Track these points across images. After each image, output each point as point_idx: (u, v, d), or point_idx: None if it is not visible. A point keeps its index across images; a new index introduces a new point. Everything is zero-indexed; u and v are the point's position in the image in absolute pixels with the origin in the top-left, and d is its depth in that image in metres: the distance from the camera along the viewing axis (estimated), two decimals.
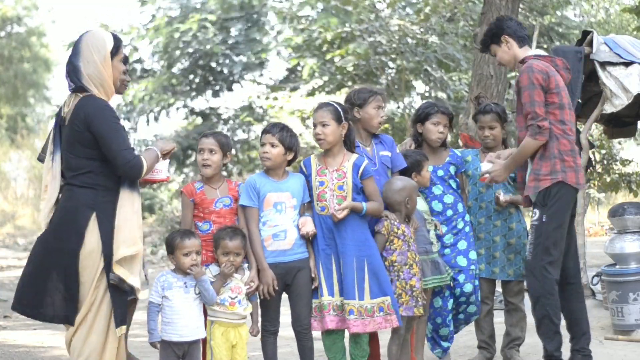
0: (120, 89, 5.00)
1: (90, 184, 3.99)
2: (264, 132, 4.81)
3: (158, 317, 4.36)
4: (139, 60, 22.05)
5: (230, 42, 21.14)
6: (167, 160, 4.46)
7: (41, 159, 4.69)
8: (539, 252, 4.79)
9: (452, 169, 5.42)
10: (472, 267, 5.32)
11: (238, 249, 4.52)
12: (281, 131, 4.78)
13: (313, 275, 4.76)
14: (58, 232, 3.98)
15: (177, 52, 20.46)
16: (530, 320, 5.70)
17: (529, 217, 5.12)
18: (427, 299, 5.22)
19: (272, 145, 4.75)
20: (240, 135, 22.20)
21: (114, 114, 4.04)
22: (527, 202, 5.00)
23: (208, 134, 4.83)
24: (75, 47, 4.08)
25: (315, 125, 4.85)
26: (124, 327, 4.06)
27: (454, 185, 5.41)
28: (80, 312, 3.97)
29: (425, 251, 5.13)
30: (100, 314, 3.98)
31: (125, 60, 4.37)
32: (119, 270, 3.97)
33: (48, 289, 3.98)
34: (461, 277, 5.28)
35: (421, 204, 5.20)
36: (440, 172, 5.38)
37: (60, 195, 4.09)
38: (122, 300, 4.05)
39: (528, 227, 5.50)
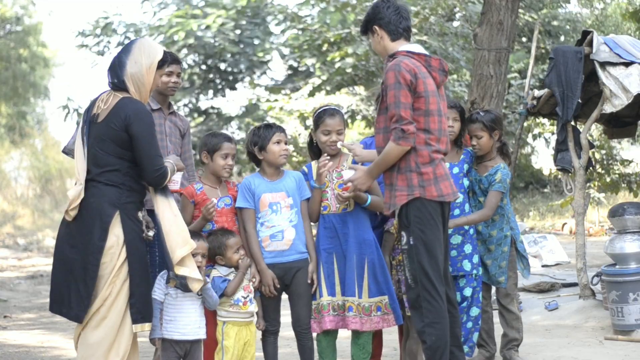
0: (167, 91, 5.30)
1: (116, 183, 4.07)
2: (278, 131, 4.80)
3: (160, 314, 4.37)
4: None
5: (237, 40, 21.21)
6: (180, 173, 4.56)
7: (66, 151, 4.86)
8: (418, 278, 4.29)
9: (465, 167, 5.35)
10: (474, 271, 5.32)
11: (238, 244, 4.61)
12: (278, 126, 4.86)
13: (309, 281, 4.77)
14: (83, 228, 4.05)
15: (188, 49, 20.52)
16: (528, 320, 5.72)
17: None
18: None
19: (286, 143, 4.82)
20: (240, 134, 22.21)
21: (152, 120, 4.16)
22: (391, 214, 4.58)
23: (226, 138, 4.82)
24: (128, 46, 4.20)
25: (328, 133, 4.82)
26: (145, 325, 4.11)
27: (465, 184, 5.35)
28: (93, 306, 4.01)
29: None
30: (113, 309, 4.02)
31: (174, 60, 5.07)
32: (180, 270, 4.11)
33: (68, 284, 4.06)
34: (462, 282, 5.28)
35: None
36: (456, 170, 5.26)
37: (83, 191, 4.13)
38: (144, 297, 4.11)
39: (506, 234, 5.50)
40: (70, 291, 4.03)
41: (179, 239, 4.11)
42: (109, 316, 4.01)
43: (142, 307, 4.08)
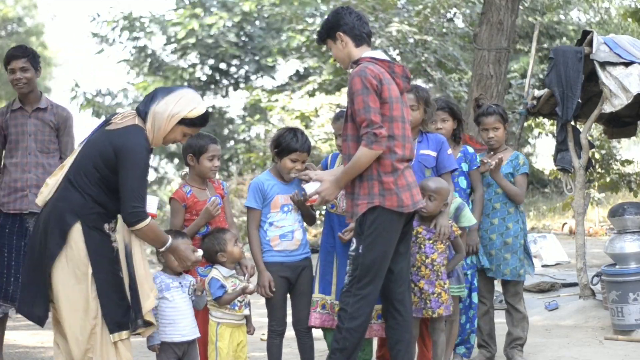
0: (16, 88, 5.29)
1: (82, 189, 3.97)
2: (295, 150, 4.69)
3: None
4: (153, 54, 22.24)
5: (241, 44, 21.26)
6: (157, 198, 4.46)
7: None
8: (354, 284, 4.28)
9: (464, 166, 5.34)
10: (470, 271, 5.32)
11: (236, 236, 4.62)
12: (306, 142, 4.75)
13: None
14: (45, 231, 4.00)
15: (190, 49, 20.60)
16: (531, 320, 5.72)
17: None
18: (456, 305, 5.08)
19: (303, 162, 4.76)
20: (241, 135, 22.23)
21: (147, 160, 4.01)
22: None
23: (214, 139, 4.81)
24: (174, 87, 4.14)
25: (336, 136, 4.84)
26: (122, 334, 4.01)
27: (463, 184, 5.33)
28: (88, 324, 3.95)
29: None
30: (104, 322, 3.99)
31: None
32: (149, 317, 4.06)
33: (30, 286, 4.03)
34: None
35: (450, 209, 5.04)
36: None
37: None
38: (117, 306, 4.01)
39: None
40: (33, 293, 4.00)
41: (146, 287, 4.04)
42: (104, 330, 3.97)
43: (115, 316, 4.00)
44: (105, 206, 4.00)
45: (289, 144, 4.69)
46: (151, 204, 4.21)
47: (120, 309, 4.04)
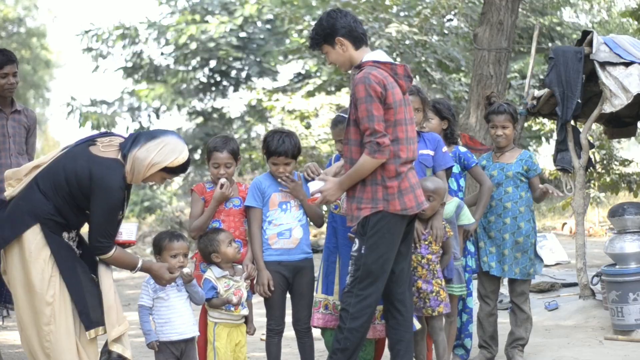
0: (4, 93, 5.40)
1: (46, 193, 3.95)
2: (273, 153, 4.69)
3: (150, 319, 4.38)
4: (149, 60, 22.25)
5: (245, 43, 21.27)
6: (136, 224, 4.47)
7: None
8: (355, 285, 4.29)
9: (454, 168, 5.30)
10: (469, 274, 5.31)
11: (230, 237, 4.60)
12: (293, 147, 4.73)
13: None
14: (1, 227, 3.98)
15: (193, 51, 20.61)
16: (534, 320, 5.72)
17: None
18: (455, 305, 5.08)
19: (287, 165, 4.74)
20: (242, 135, 22.24)
21: (119, 198, 3.99)
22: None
23: (220, 146, 4.73)
24: (158, 132, 4.10)
25: (336, 141, 4.82)
26: (98, 329, 3.99)
27: (453, 185, 5.33)
28: (41, 330, 3.94)
29: (454, 257, 5.05)
30: (61, 315, 3.95)
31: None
32: (115, 347, 4.00)
33: None
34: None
35: (450, 209, 5.07)
36: None
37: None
38: (92, 303, 3.99)
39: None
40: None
41: (117, 317, 3.99)
42: (61, 322, 3.93)
43: (90, 313, 3.98)
44: (66, 218, 3.99)
45: (268, 147, 4.70)
46: (131, 231, 4.24)
47: (96, 306, 4.00)
